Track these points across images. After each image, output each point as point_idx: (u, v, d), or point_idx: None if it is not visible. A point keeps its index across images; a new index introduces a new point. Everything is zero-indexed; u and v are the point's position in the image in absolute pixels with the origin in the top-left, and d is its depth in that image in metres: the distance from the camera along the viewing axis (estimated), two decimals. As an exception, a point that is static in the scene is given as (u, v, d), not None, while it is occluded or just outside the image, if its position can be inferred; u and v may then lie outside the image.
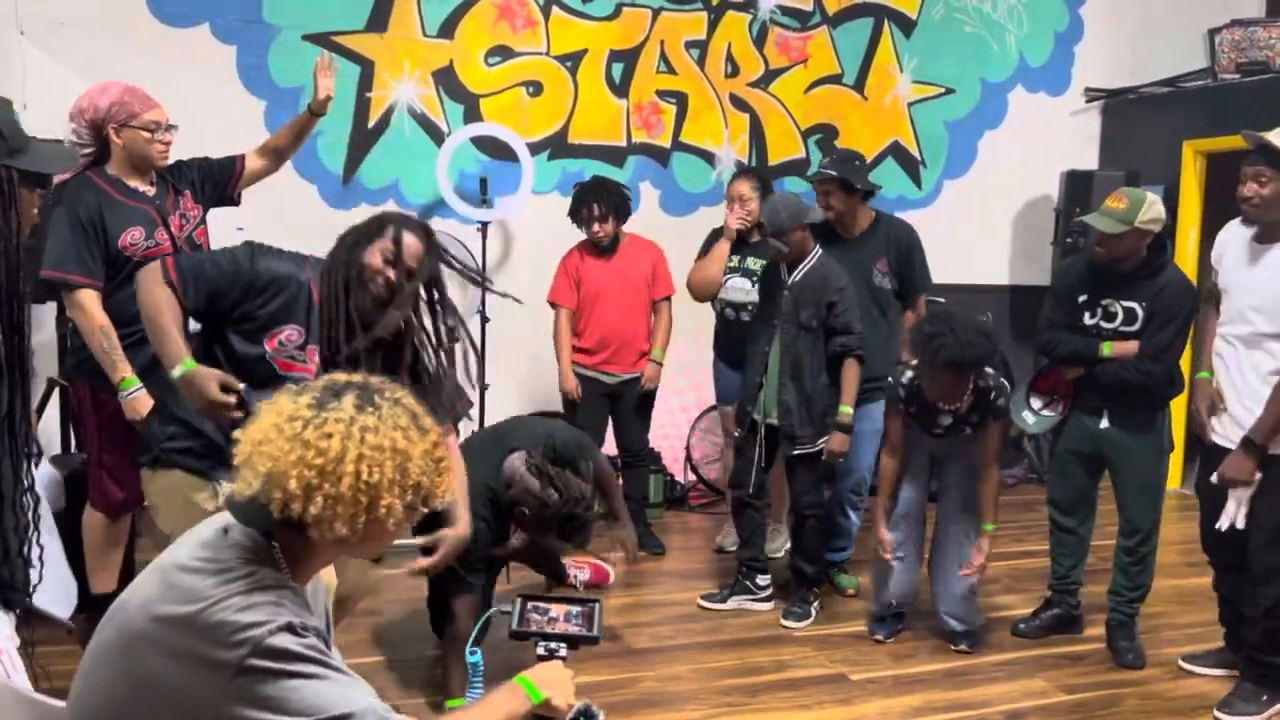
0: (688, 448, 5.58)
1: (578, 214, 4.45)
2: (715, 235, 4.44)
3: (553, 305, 4.57)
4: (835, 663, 3.45)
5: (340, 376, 1.44)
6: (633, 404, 4.54)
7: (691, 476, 5.57)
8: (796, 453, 3.71)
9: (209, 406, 2.22)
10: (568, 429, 3.39)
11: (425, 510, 1.44)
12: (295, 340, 2.36)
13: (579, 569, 3.96)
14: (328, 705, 1.26)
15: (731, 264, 4.33)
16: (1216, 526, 3.06)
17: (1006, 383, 3.48)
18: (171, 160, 3.10)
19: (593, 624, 1.69)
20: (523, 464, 2.97)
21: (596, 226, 4.39)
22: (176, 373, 2.21)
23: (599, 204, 4.37)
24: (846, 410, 3.63)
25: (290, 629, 1.27)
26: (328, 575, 2.25)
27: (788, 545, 4.40)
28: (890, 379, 3.54)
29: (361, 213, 5.12)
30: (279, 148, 3.44)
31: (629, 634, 3.64)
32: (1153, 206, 3.23)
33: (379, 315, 2.33)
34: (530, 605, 1.70)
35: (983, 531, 3.46)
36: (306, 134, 3.46)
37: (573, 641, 1.66)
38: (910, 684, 3.31)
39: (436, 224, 5.27)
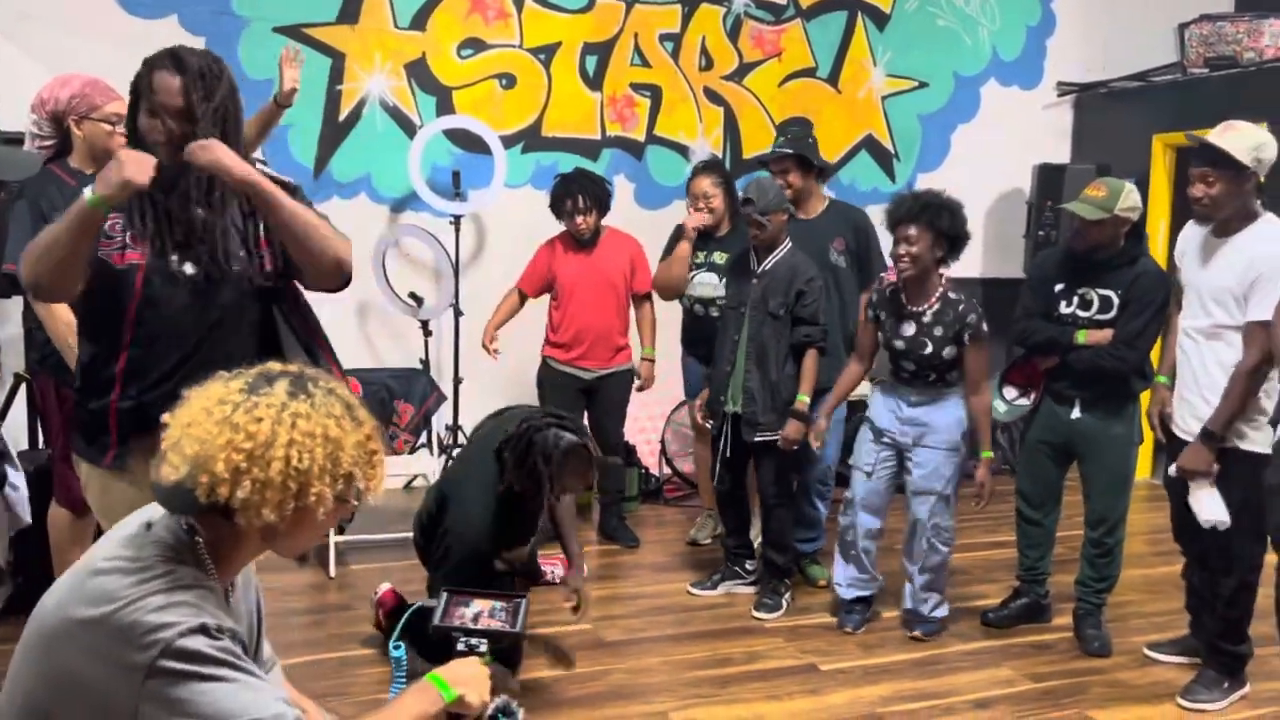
0: (662, 441, 5.58)
1: (559, 206, 4.41)
2: (679, 232, 4.44)
3: (516, 287, 4.58)
4: (805, 653, 3.47)
5: (275, 365, 1.42)
6: (608, 399, 4.54)
7: (666, 470, 5.58)
8: (759, 440, 3.73)
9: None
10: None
11: (356, 505, 1.41)
12: (119, 229, 2.14)
13: (552, 565, 3.97)
14: (236, 710, 1.24)
15: (698, 260, 4.33)
16: (1202, 524, 3.05)
17: (980, 311, 3.46)
18: None
19: (516, 619, 1.66)
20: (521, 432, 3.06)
21: (580, 219, 4.35)
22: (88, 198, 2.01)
23: (583, 196, 4.33)
24: (804, 399, 3.66)
25: (204, 630, 1.25)
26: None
27: (718, 530, 4.47)
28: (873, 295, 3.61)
29: (333, 206, 5.18)
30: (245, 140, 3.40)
31: (601, 627, 3.65)
32: (1130, 195, 3.29)
33: (174, 170, 2.12)
34: (455, 599, 1.67)
35: (981, 459, 3.48)
36: (272, 126, 3.43)
37: (494, 637, 1.63)
38: (879, 674, 3.33)
39: (409, 217, 5.32)
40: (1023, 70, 6.36)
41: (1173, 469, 3.09)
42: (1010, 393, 3.69)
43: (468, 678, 1.48)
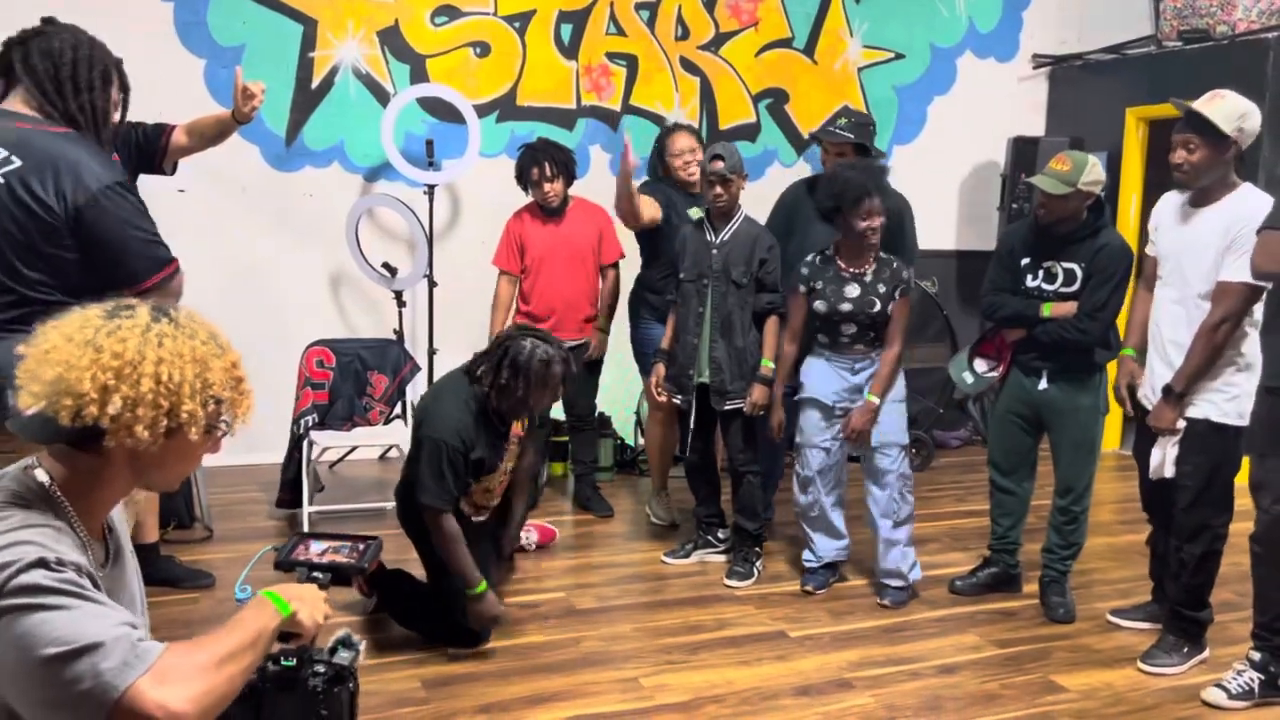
0: (637, 412, 5.60)
1: (526, 176, 4.37)
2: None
3: (500, 270, 4.53)
4: (775, 620, 3.52)
5: (131, 299, 1.40)
6: (579, 370, 4.54)
7: (641, 441, 5.60)
8: (728, 408, 3.75)
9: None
10: None
11: (228, 432, 1.40)
12: None
13: (526, 531, 3.99)
14: (76, 636, 1.19)
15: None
16: (1150, 476, 3.17)
17: (911, 268, 3.61)
18: None
19: (364, 557, 1.63)
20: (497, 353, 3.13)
21: (547, 187, 4.31)
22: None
23: (550, 164, 4.29)
24: (768, 364, 3.70)
25: (42, 564, 1.21)
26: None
27: (670, 510, 4.52)
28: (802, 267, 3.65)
29: (306, 175, 5.13)
30: (203, 134, 3.28)
31: (574, 595, 3.68)
32: (1094, 169, 3.31)
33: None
34: (304, 540, 1.66)
35: (865, 400, 3.54)
36: (226, 137, 3.33)
37: (338, 571, 1.60)
38: (847, 640, 3.38)
39: (383, 186, 5.28)
40: (999, 42, 6.37)
41: (1149, 419, 3.15)
42: (981, 365, 3.73)
43: (302, 594, 1.46)
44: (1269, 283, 2.86)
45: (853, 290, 3.54)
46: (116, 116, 2.56)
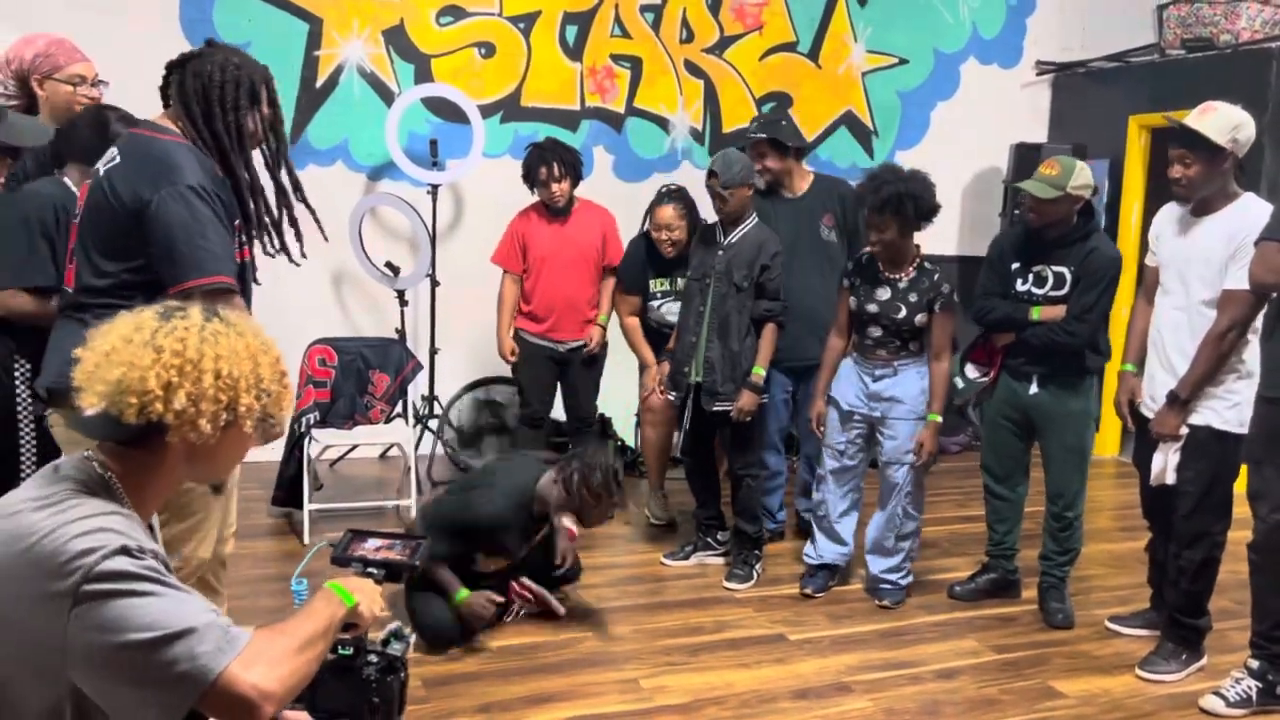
0: (638, 414, 5.60)
1: (533, 176, 4.36)
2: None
3: (503, 269, 4.54)
4: (775, 623, 3.52)
5: (177, 302, 1.48)
6: (581, 372, 4.55)
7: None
8: (717, 409, 3.76)
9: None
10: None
11: (277, 425, 1.48)
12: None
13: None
14: (170, 621, 1.25)
15: (664, 287, 4.33)
16: (1150, 483, 3.18)
17: (951, 287, 3.54)
18: None
19: (415, 554, 1.70)
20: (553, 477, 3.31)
21: (554, 187, 4.31)
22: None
23: (557, 164, 4.29)
24: (759, 371, 3.70)
25: (125, 551, 1.27)
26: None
27: (667, 509, 4.59)
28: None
29: (310, 174, 5.13)
30: None
31: (574, 596, 3.68)
32: (1083, 173, 3.34)
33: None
34: (356, 536, 1.73)
35: (928, 421, 3.53)
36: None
37: (392, 568, 1.67)
38: (847, 644, 3.38)
39: (386, 186, 5.28)
40: (1002, 49, 6.38)
41: (1152, 425, 3.15)
42: (972, 371, 3.74)
43: (362, 587, 1.55)
44: (1267, 293, 2.87)
45: (883, 293, 3.52)
46: (260, 133, 2.48)
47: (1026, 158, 5.87)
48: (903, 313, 3.49)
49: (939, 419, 3.53)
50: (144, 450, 1.37)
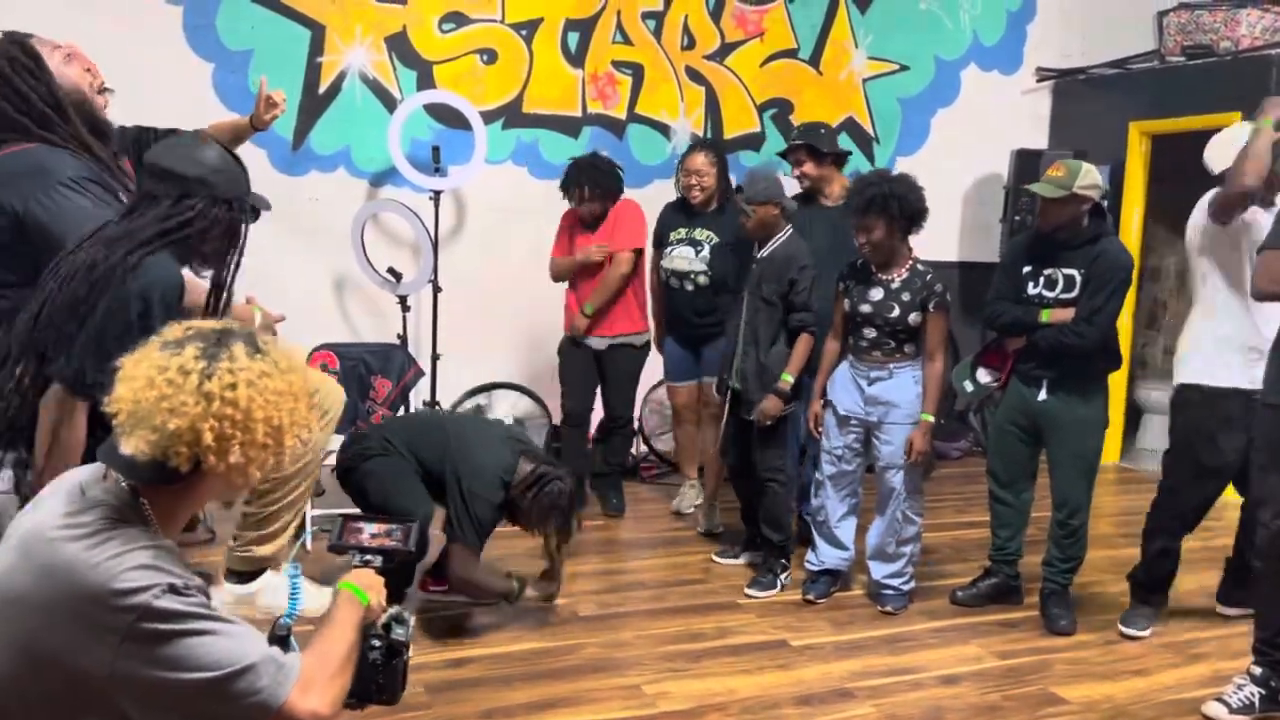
0: (640, 419, 5.61)
1: (566, 190, 4.50)
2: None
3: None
4: (777, 629, 3.52)
5: (207, 325, 1.44)
6: (615, 368, 4.60)
7: (643, 448, 5.61)
8: (748, 417, 3.77)
9: None
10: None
11: (304, 444, 1.54)
12: None
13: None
14: (226, 660, 1.29)
15: (678, 235, 4.46)
16: None
17: (944, 287, 3.58)
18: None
19: (409, 540, 1.75)
20: (536, 474, 3.30)
21: (583, 209, 4.48)
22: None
23: (588, 186, 4.42)
24: (787, 379, 3.71)
25: (174, 590, 1.28)
26: None
27: (697, 502, 4.72)
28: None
29: (312, 180, 5.15)
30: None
31: (575, 601, 3.68)
32: (1090, 174, 3.36)
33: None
34: (350, 523, 1.77)
35: (920, 421, 3.54)
36: (240, 143, 3.36)
37: (389, 555, 1.72)
38: (849, 650, 3.38)
39: (388, 192, 5.30)
40: (1003, 55, 6.40)
41: None
42: (984, 375, 3.74)
43: (370, 582, 1.59)
44: (1269, 303, 2.88)
45: (876, 294, 3.55)
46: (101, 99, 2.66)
47: (1027, 164, 5.88)
48: (896, 312, 3.51)
49: (931, 419, 3.54)
50: (181, 484, 1.38)
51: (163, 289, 2.08)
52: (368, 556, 1.70)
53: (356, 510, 3.26)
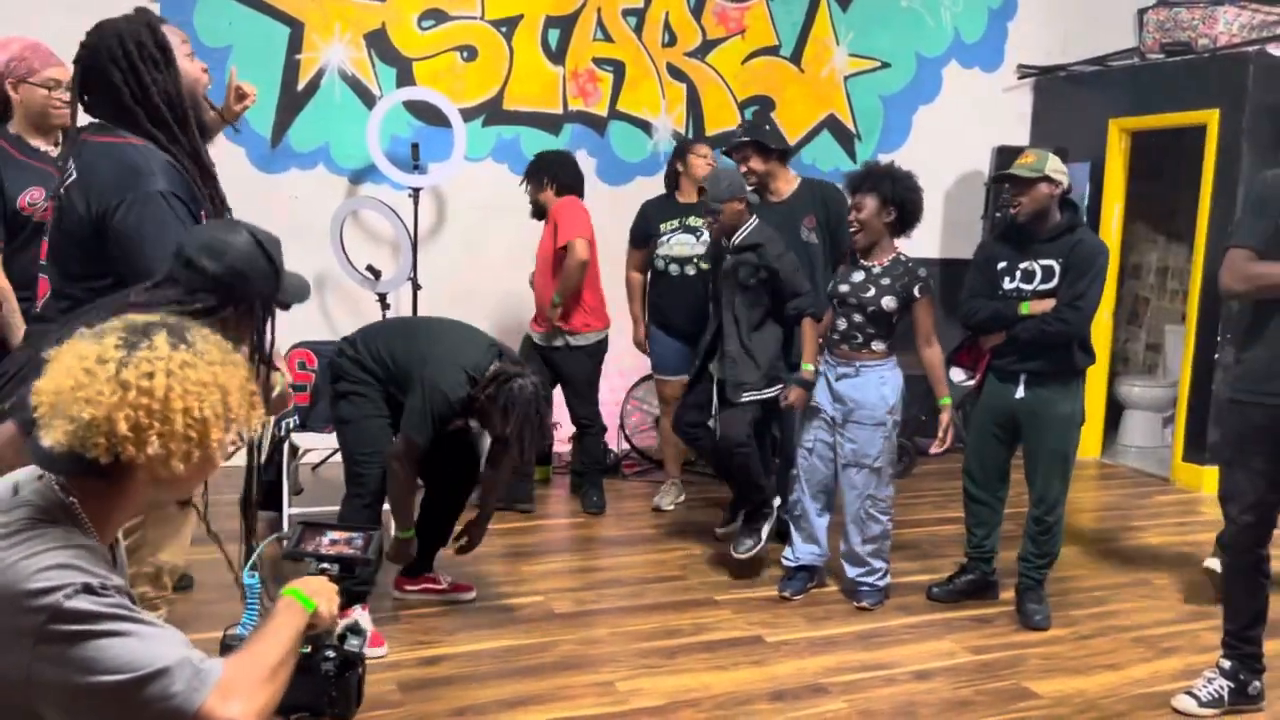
0: (621, 416, 5.61)
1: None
2: (657, 203, 4.55)
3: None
4: (752, 625, 3.53)
5: (137, 317, 1.39)
6: (569, 369, 4.62)
7: (625, 445, 5.62)
8: (746, 399, 3.77)
9: None
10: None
11: (240, 446, 1.45)
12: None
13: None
14: (140, 662, 1.24)
15: (671, 225, 4.60)
16: None
17: (927, 274, 3.61)
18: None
19: (369, 548, 1.69)
20: (498, 371, 3.20)
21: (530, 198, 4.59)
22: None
23: (528, 176, 4.57)
24: (808, 368, 3.69)
25: (88, 590, 1.24)
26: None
27: (679, 499, 4.82)
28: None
29: (291, 177, 5.14)
30: None
31: (552, 599, 3.68)
32: (1056, 160, 3.46)
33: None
34: (309, 530, 1.72)
35: (941, 407, 3.57)
36: (213, 135, 3.32)
37: (346, 563, 1.67)
38: (824, 645, 3.39)
39: (368, 189, 5.28)
40: (984, 52, 6.41)
41: None
42: (957, 374, 3.76)
43: (319, 588, 1.52)
44: (1235, 301, 2.90)
45: (856, 276, 3.58)
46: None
47: (1008, 160, 5.80)
48: (871, 292, 3.53)
49: (949, 401, 3.57)
50: (109, 481, 1.33)
51: None
52: (324, 565, 1.65)
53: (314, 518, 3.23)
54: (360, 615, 3.22)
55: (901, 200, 3.53)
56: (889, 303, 3.52)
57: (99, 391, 1.27)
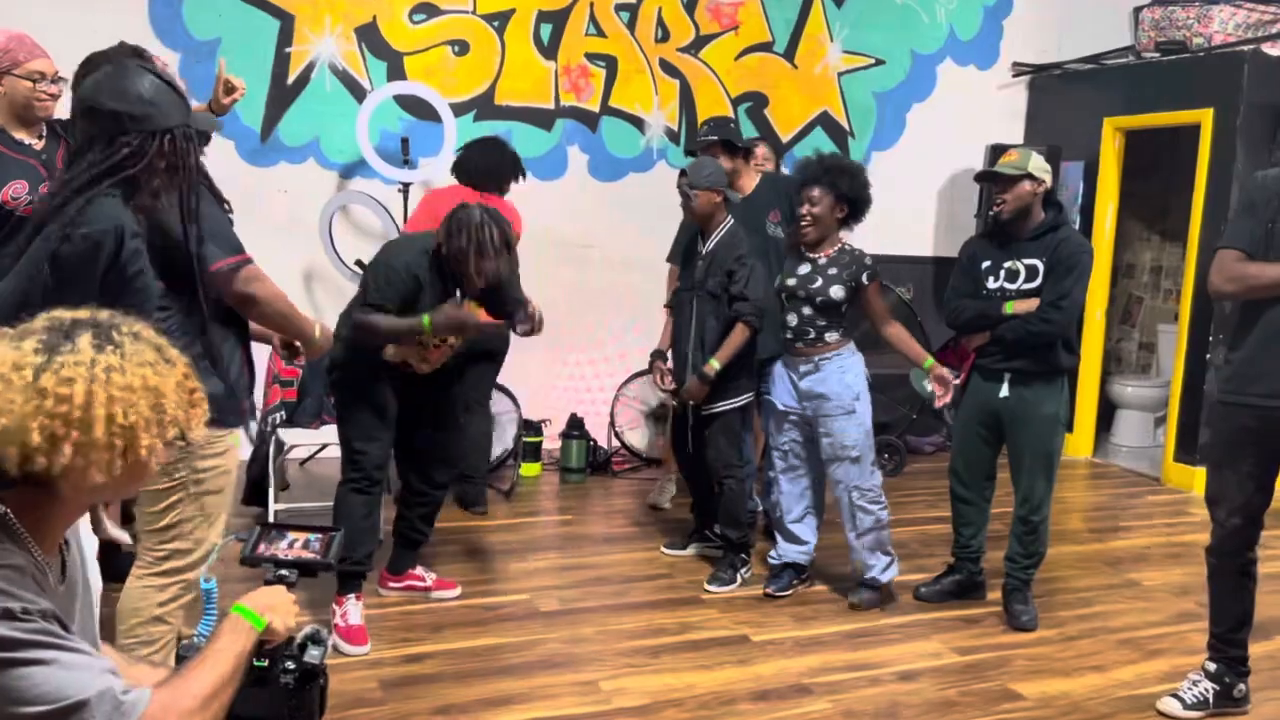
0: (611, 414, 5.60)
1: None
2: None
3: None
4: (739, 624, 3.52)
5: (65, 314, 1.30)
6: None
7: (615, 443, 5.60)
8: (705, 413, 3.76)
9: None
10: None
11: (184, 443, 1.35)
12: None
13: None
14: (56, 694, 1.18)
15: None
16: None
17: (873, 261, 3.62)
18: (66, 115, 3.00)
19: (329, 551, 1.63)
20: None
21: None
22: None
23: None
24: (714, 364, 3.68)
25: (8, 615, 1.18)
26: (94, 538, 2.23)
27: (673, 494, 4.80)
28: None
29: (280, 171, 5.11)
30: None
31: (537, 597, 3.67)
32: (1039, 159, 3.46)
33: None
34: (266, 532, 1.65)
35: (930, 370, 3.56)
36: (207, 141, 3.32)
37: (305, 568, 1.60)
38: (809, 645, 3.38)
39: (358, 184, 5.26)
40: (979, 50, 6.39)
41: None
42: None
43: (274, 604, 1.46)
44: (1224, 301, 2.88)
45: (803, 268, 3.59)
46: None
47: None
48: (818, 283, 3.53)
49: (933, 362, 3.58)
50: (35, 490, 1.26)
51: (116, 233, 1.97)
52: (282, 571, 1.58)
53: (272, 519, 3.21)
54: (352, 606, 3.24)
55: (856, 197, 3.57)
56: (837, 292, 3.52)
57: (11, 400, 1.20)
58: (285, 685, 1.48)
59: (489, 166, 4.33)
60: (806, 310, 3.56)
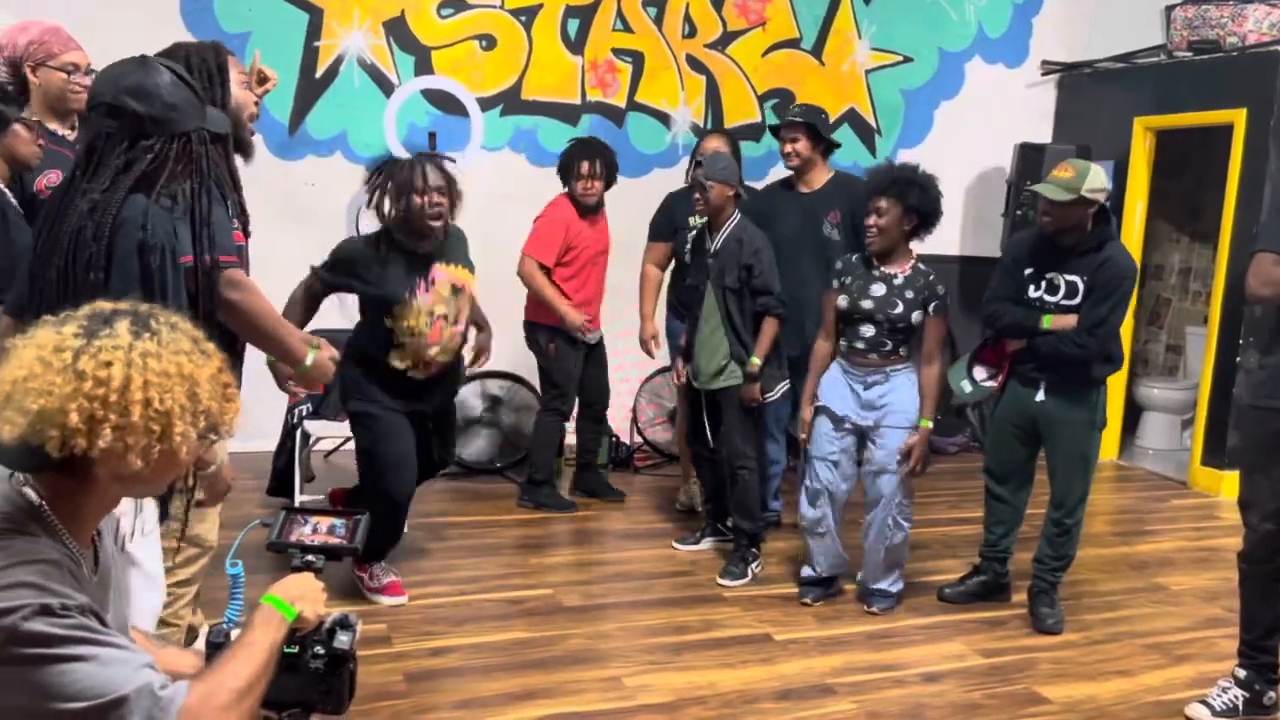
0: (634, 410, 5.59)
1: (571, 168, 4.45)
2: (679, 195, 4.48)
3: (529, 257, 4.48)
4: (762, 623, 3.51)
5: (105, 305, 1.32)
6: (596, 360, 4.65)
7: (637, 439, 5.60)
8: (720, 396, 3.80)
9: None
10: None
11: (215, 440, 1.37)
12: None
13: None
14: (95, 690, 1.19)
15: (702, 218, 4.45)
16: None
17: (945, 290, 3.52)
18: None
19: (355, 536, 1.63)
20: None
21: (592, 184, 4.43)
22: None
23: (600, 162, 4.42)
24: (756, 361, 3.70)
25: (46, 611, 1.19)
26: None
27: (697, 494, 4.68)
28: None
29: (308, 164, 5.13)
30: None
31: (561, 592, 3.67)
32: (1097, 176, 3.28)
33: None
34: (292, 517, 1.64)
35: (918, 426, 3.47)
36: (251, 154, 3.34)
37: (331, 553, 1.61)
38: (832, 645, 3.37)
39: (383, 178, 5.24)
40: (1008, 48, 6.33)
41: None
42: (980, 373, 3.70)
43: (302, 593, 1.47)
44: (1260, 305, 2.84)
45: (878, 289, 3.47)
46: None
47: (1031, 158, 5.83)
48: (899, 308, 3.42)
49: (929, 425, 3.49)
50: (71, 478, 1.28)
51: (150, 231, 1.98)
52: (309, 557, 1.58)
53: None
54: (378, 568, 3.47)
55: (927, 210, 3.46)
56: (917, 317, 3.45)
57: (52, 382, 1.22)
58: (315, 670, 1.49)
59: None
60: (885, 328, 3.45)
